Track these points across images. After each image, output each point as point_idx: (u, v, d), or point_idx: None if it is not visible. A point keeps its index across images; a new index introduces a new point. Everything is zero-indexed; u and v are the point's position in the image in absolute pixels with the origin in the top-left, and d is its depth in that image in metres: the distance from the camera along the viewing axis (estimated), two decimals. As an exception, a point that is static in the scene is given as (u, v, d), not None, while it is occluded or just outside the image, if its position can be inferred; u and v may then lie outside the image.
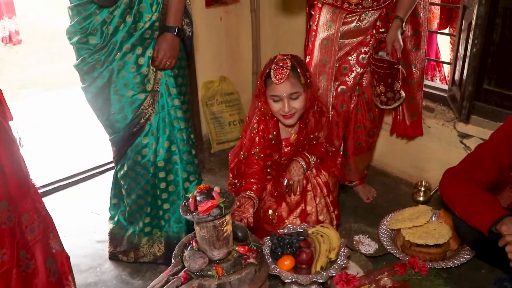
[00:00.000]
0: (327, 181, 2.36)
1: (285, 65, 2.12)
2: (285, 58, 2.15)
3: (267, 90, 2.18)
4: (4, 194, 1.52)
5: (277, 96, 2.16)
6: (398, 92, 2.51)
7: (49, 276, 1.68)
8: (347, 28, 2.46)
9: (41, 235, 1.66)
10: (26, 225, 1.60)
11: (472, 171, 1.94)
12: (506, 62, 2.59)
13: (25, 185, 1.63)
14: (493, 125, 2.63)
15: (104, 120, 2.15)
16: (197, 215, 1.52)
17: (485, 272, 2.26)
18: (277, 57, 2.18)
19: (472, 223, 1.82)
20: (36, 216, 1.65)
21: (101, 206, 2.83)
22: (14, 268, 1.54)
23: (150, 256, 2.39)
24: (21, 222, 1.59)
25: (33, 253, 1.62)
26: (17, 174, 1.58)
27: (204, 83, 3.55)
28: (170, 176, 2.26)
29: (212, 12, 3.43)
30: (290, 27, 3.50)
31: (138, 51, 2.02)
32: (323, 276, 1.92)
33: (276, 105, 2.19)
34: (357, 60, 2.52)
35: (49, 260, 1.68)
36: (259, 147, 2.27)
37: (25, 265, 1.59)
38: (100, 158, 3.41)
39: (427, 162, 2.99)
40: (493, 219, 1.72)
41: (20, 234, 1.57)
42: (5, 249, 1.52)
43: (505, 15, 2.53)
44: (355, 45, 2.50)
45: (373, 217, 2.70)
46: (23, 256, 1.58)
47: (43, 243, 1.67)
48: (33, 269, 1.63)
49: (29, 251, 1.61)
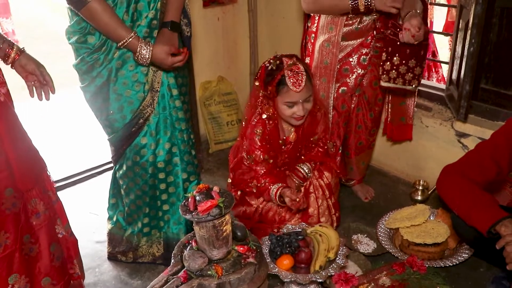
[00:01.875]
0: (329, 182, 2.37)
1: (300, 71, 2.11)
2: (296, 63, 2.13)
3: (281, 96, 2.16)
4: (10, 181, 1.57)
5: (293, 102, 2.15)
6: (422, 71, 2.44)
7: (52, 260, 1.73)
8: (348, 30, 2.45)
9: (47, 221, 1.72)
10: (33, 211, 1.66)
11: (470, 169, 1.94)
12: (503, 61, 2.60)
13: (33, 172, 1.68)
14: (490, 124, 2.64)
15: (103, 120, 2.14)
16: (196, 214, 1.52)
17: (483, 270, 2.27)
18: (283, 60, 2.14)
19: (471, 223, 1.83)
20: (44, 203, 1.70)
21: (99, 206, 2.83)
22: (17, 252, 1.60)
23: (149, 256, 2.38)
24: (27, 208, 1.64)
25: (37, 237, 1.68)
26: (24, 161, 1.62)
27: (202, 83, 3.55)
28: (170, 177, 2.25)
29: (210, 12, 3.43)
30: (288, 27, 3.50)
31: None
32: (322, 276, 1.92)
33: (290, 110, 2.18)
34: (358, 61, 2.52)
35: (53, 245, 1.73)
36: (262, 150, 2.26)
37: (29, 249, 1.65)
38: (98, 159, 3.41)
39: (425, 161, 3.00)
40: (492, 220, 1.73)
41: (25, 219, 1.63)
42: (8, 234, 1.58)
43: (502, 15, 2.54)
44: (356, 47, 2.49)
45: (371, 217, 2.71)
46: (26, 240, 1.64)
47: (48, 228, 1.72)
48: (36, 253, 1.68)
49: (33, 235, 1.66)
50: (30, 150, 1.70)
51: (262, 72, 2.18)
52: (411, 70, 2.41)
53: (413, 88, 2.48)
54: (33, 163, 1.70)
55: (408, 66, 2.40)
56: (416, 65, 2.41)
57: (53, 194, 1.79)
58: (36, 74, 1.72)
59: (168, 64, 1.99)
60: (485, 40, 2.56)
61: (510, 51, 2.55)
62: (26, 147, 1.67)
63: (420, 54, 2.39)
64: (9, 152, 1.56)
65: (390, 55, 2.41)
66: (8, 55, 1.66)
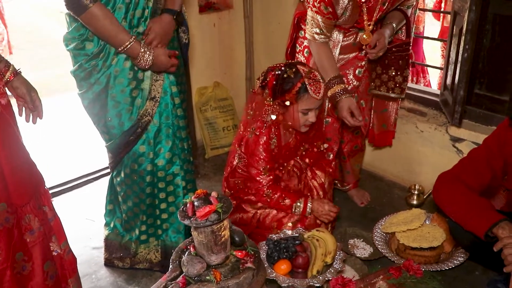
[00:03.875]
0: (323, 182, 2.38)
1: (318, 78, 2.13)
2: (311, 70, 2.15)
3: (300, 104, 2.15)
4: (3, 195, 1.52)
5: (311, 109, 2.17)
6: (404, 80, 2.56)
7: (46, 279, 1.68)
8: (345, 44, 2.49)
9: (41, 237, 1.67)
10: (27, 228, 1.61)
11: (466, 176, 1.96)
12: (496, 66, 2.63)
13: (28, 187, 1.63)
14: (484, 129, 2.67)
15: (100, 126, 2.13)
16: (195, 220, 1.52)
17: (479, 274, 2.29)
18: (299, 68, 2.14)
19: (468, 228, 1.85)
20: (38, 219, 1.65)
21: (96, 212, 2.83)
22: (8, 269, 1.55)
23: (146, 263, 2.38)
24: (21, 224, 1.59)
25: (31, 255, 1.63)
26: (19, 175, 1.58)
27: (198, 89, 3.56)
28: (170, 187, 2.24)
29: (206, 18, 3.45)
30: (283, 33, 3.50)
31: None
32: (319, 280, 1.93)
33: (304, 117, 2.19)
34: (354, 73, 2.57)
35: (47, 264, 1.69)
36: (267, 160, 2.25)
37: (21, 267, 1.60)
38: (94, 164, 3.41)
39: (420, 166, 3.02)
40: (489, 223, 1.75)
41: (18, 235, 1.58)
42: (0, 250, 1.52)
43: (495, 21, 2.57)
44: (351, 59, 2.54)
45: (367, 221, 2.72)
46: (19, 258, 1.59)
47: (43, 246, 1.68)
48: (29, 271, 1.64)
49: (26, 253, 1.62)
50: (26, 163, 1.65)
51: (272, 79, 2.16)
52: (392, 78, 2.56)
53: (397, 95, 2.60)
54: (29, 177, 1.65)
55: (389, 75, 2.56)
56: (397, 74, 2.55)
57: (49, 210, 1.74)
58: (26, 99, 1.70)
59: (168, 66, 2.00)
60: (479, 46, 2.59)
61: (503, 57, 2.59)
62: (22, 160, 1.62)
63: (398, 64, 2.54)
64: (4, 165, 1.52)
65: (374, 65, 2.57)
66: (2, 75, 1.63)
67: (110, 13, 1.87)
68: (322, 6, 2.23)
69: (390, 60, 2.52)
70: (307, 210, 2.23)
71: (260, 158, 2.24)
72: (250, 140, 2.26)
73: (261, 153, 2.24)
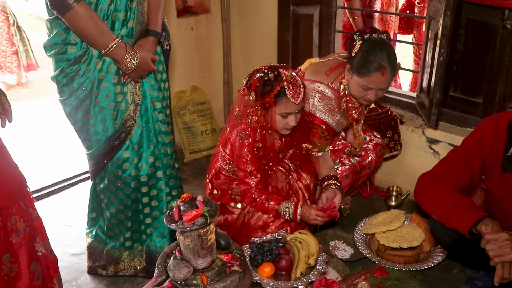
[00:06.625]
0: (308, 184, 2.39)
1: (298, 83, 2.13)
2: (292, 74, 2.14)
3: (278, 107, 2.15)
4: None
5: (290, 113, 2.17)
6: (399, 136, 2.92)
7: (33, 279, 1.69)
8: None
9: (27, 238, 1.68)
10: (12, 229, 1.62)
11: (446, 176, 2.01)
12: (469, 70, 2.71)
13: (13, 189, 1.63)
14: (459, 130, 2.74)
15: (83, 134, 2.09)
16: (182, 224, 1.52)
17: (457, 272, 2.34)
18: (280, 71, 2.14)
19: (451, 226, 1.89)
20: (24, 220, 1.66)
21: (74, 218, 2.79)
22: None
23: (130, 269, 2.34)
24: (7, 226, 1.60)
25: (17, 256, 1.64)
26: (3, 178, 1.58)
27: (176, 92, 3.55)
28: (153, 191, 2.22)
29: (183, 22, 3.45)
30: (261, 36, 3.54)
31: None
32: (303, 282, 1.95)
33: (284, 120, 2.19)
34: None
35: (33, 264, 1.69)
36: (252, 161, 2.25)
37: (8, 268, 1.61)
38: (71, 170, 3.35)
39: (398, 167, 3.07)
40: (473, 220, 1.79)
41: (4, 237, 1.58)
42: None
43: (468, 26, 2.65)
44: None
45: (347, 223, 2.75)
46: (6, 260, 1.59)
47: (29, 247, 1.68)
48: (16, 272, 1.64)
49: (13, 254, 1.62)
50: (9, 166, 1.65)
51: (256, 82, 2.16)
52: (391, 139, 2.91)
53: (399, 152, 2.96)
54: (13, 180, 1.65)
55: (388, 137, 2.89)
56: (394, 133, 2.91)
57: (33, 211, 1.74)
58: None
59: (151, 70, 1.99)
60: (453, 49, 2.66)
61: (476, 60, 2.66)
62: (5, 163, 1.62)
63: (391, 124, 2.89)
64: None
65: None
66: None
67: (95, 13, 1.85)
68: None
69: (385, 125, 2.86)
70: (298, 217, 2.23)
71: (246, 160, 2.25)
72: (236, 142, 2.27)
73: (246, 155, 2.24)
